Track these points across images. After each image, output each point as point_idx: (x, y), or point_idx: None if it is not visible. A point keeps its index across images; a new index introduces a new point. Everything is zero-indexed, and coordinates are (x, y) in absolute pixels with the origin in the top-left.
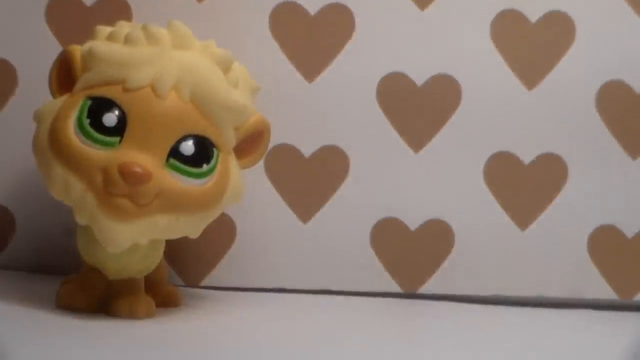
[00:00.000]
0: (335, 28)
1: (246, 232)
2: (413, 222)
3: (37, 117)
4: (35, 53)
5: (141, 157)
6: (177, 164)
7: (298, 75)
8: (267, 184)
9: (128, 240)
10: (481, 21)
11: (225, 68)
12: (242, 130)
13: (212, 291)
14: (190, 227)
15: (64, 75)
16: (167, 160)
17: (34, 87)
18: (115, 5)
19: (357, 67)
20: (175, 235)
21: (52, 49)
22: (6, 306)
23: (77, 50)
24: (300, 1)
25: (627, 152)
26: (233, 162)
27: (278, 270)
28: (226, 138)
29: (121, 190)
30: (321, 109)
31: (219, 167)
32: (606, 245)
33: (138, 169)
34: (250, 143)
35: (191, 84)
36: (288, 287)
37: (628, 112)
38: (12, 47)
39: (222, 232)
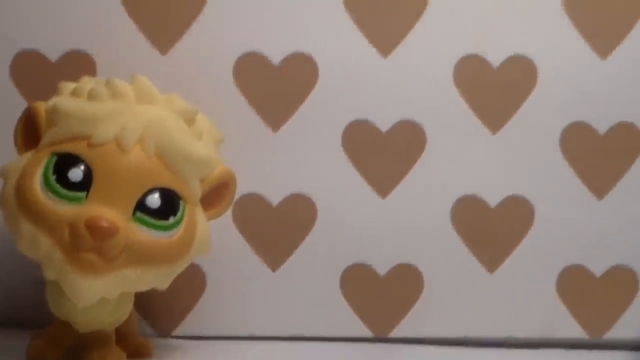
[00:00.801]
0: (299, 77)
1: (216, 281)
2: (382, 267)
3: (3, 174)
4: (0, 109)
5: (108, 211)
6: (144, 217)
7: (263, 125)
8: (235, 233)
9: (96, 295)
10: (444, 66)
11: (189, 120)
12: (207, 182)
13: (184, 341)
14: (158, 279)
15: (29, 131)
16: (134, 213)
17: None
18: (79, 60)
19: (322, 115)
20: (143, 287)
21: (17, 105)
22: None
23: (42, 106)
24: (264, 51)
25: (593, 192)
26: (200, 213)
27: (249, 318)
28: (192, 190)
29: (88, 244)
30: (287, 157)
31: (185, 219)
32: (575, 284)
33: (105, 224)
34: (216, 194)
35: (155, 138)
36: (260, 334)
37: (592, 153)
38: None
39: (193, 281)
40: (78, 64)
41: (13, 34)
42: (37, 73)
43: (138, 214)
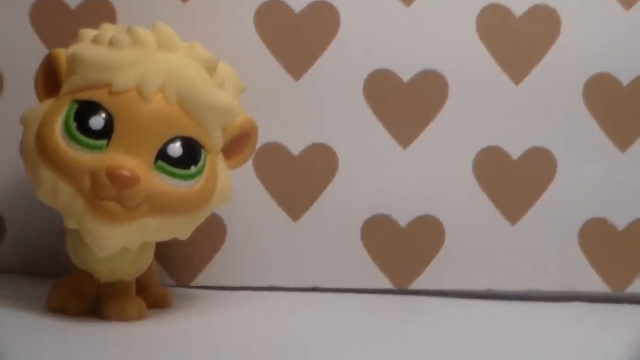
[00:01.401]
0: (320, 25)
1: (236, 231)
2: (403, 218)
3: (24, 122)
4: (21, 56)
5: (129, 160)
6: (165, 166)
7: (285, 73)
8: (256, 183)
9: (117, 244)
10: (467, 16)
11: (211, 69)
12: (229, 131)
13: (204, 291)
14: (179, 228)
15: (50, 79)
16: (155, 162)
17: (19, 91)
18: (99, 7)
19: (344, 64)
20: (164, 237)
21: (37, 52)
22: None
23: (62, 53)
24: None
25: (616, 145)
26: (221, 163)
27: (269, 268)
28: (213, 139)
29: (109, 193)
30: (309, 106)
31: (207, 168)
32: (597, 238)
33: (126, 172)
34: (238, 143)
35: (177, 86)
36: (280, 285)
37: (615, 104)
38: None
39: (212, 231)
40: (98, 11)
41: None
42: (57, 20)
43: (159, 162)
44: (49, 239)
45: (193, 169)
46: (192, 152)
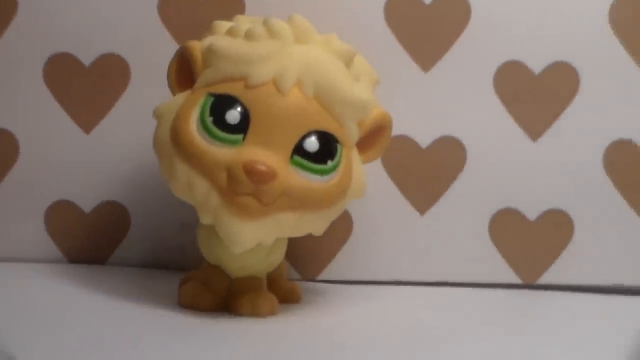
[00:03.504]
0: (450, 17)
1: (363, 225)
2: (532, 212)
3: (158, 115)
4: (148, 48)
5: (265, 154)
6: (302, 161)
7: (414, 65)
8: (384, 176)
9: (253, 240)
10: (598, 7)
11: (347, 61)
12: (364, 125)
13: (330, 285)
14: (314, 224)
15: (183, 71)
16: (291, 157)
17: (146, 82)
18: None
19: (474, 56)
20: (299, 233)
21: (165, 43)
22: (128, 303)
23: (197, 45)
24: None
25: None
26: (355, 157)
27: (396, 262)
28: (349, 133)
29: (246, 189)
30: (437, 99)
31: (342, 162)
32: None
33: (263, 168)
34: (372, 137)
35: (314, 80)
36: (406, 279)
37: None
38: (124, 43)
39: (339, 225)
40: (226, 1)
41: None
42: (185, 11)
43: (295, 157)
44: (174, 232)
45: (329, 163)
46: (329, 147)
